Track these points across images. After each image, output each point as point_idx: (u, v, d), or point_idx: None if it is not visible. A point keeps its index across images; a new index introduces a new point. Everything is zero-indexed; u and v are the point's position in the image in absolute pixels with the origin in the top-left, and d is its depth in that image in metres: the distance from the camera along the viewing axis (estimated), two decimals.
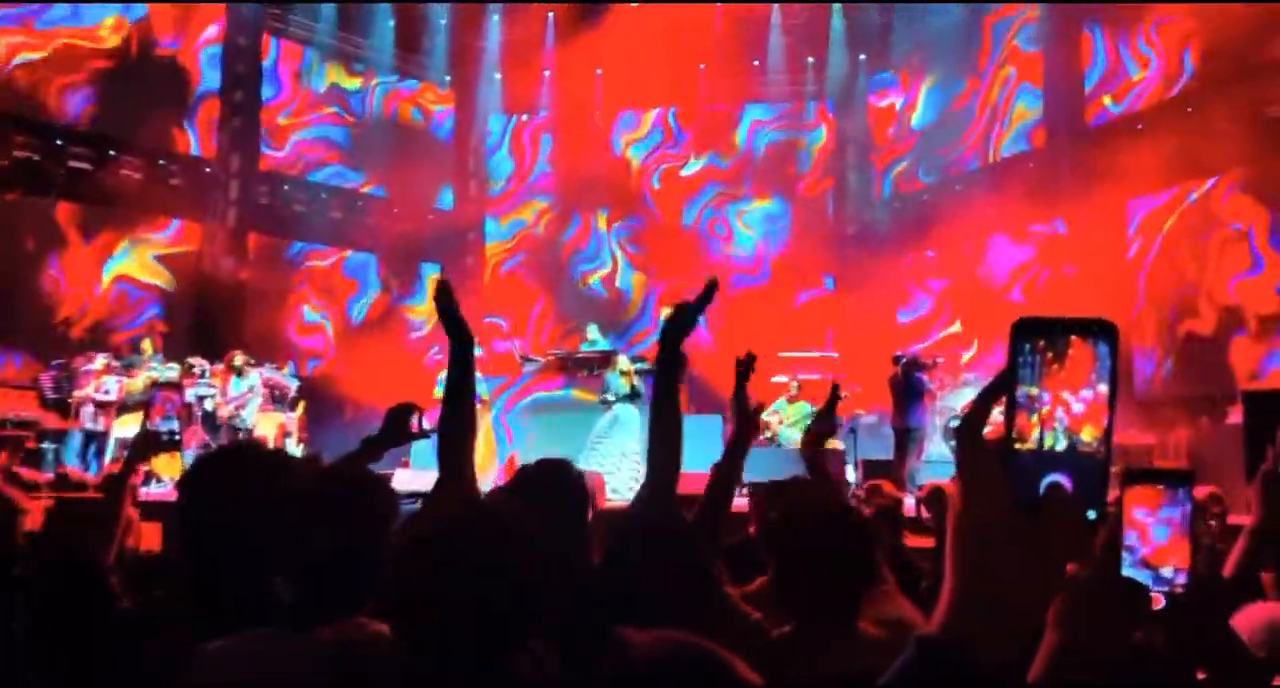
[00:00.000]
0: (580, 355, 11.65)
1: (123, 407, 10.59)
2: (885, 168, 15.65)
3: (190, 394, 10.91)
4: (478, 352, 11.90)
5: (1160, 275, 11.28)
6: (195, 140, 13.81)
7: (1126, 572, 0.89)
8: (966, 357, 12.42)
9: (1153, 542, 0.91)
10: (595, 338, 11.97)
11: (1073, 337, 0.67)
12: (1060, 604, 0.88)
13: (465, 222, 16.74)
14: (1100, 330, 0.67)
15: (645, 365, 11.01)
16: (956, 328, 13.52)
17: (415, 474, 8.36)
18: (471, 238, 16.84)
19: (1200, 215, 10.89)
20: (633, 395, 9.56)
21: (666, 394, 2.36)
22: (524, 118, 17.11)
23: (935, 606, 0.71)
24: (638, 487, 2.33)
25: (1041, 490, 0.67)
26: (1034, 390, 0.67)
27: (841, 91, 15.94)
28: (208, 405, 10.96)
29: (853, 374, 12.09)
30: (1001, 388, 0.68)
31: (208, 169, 13.81)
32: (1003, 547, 0.67)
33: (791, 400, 11.05)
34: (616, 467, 8.81)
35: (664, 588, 1.93)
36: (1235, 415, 8.20)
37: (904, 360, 9.76)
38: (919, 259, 14.35)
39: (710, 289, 2.37)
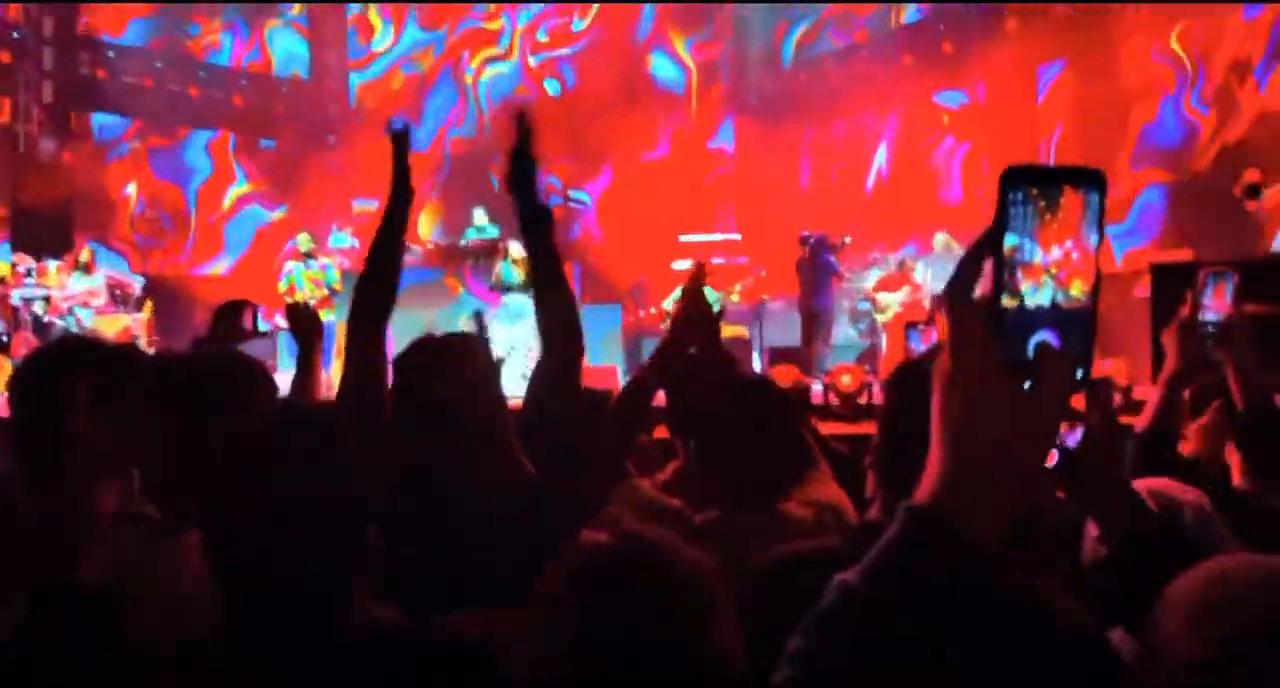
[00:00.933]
0: (465, 244, 11.41)
1: None
2: (789, 30, 15.50)
3: (15, 296, 10.33)
4: (352, 243, 11.53)
5: (1072, 142, 11.62)
6: None
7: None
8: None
9: None
10: (482, 224, 11.71)
11: (1064, 185, 0.67)
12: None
13: (325, 93, 15.96)
14: (1092, 179, 0.68)
15: None
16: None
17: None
18: (334, 112, 16.09)
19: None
20: (524, 285, 9.44)
21: (542, 261, 2.17)
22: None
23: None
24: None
25: (1030, 349, 0.68)
26: (1024, 243, 0.67)
27: None
28: (37, 309, 10.39)
29: (757, 257, 12.23)
30: (991, 241, 0.68)
31: (15, 34, 12.71)
32: (993, 409, 0.68)
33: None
34: (514, 360, 8.77)
35: (575, 483, 1.92)
36: (1142, 289, 8.63)
37: (811, 240, 9.89)
38: (823, 133, 14.43)
39: (520, 123, 2.21)
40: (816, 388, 7.09)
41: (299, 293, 10.15)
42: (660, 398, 2.34)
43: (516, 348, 9.05)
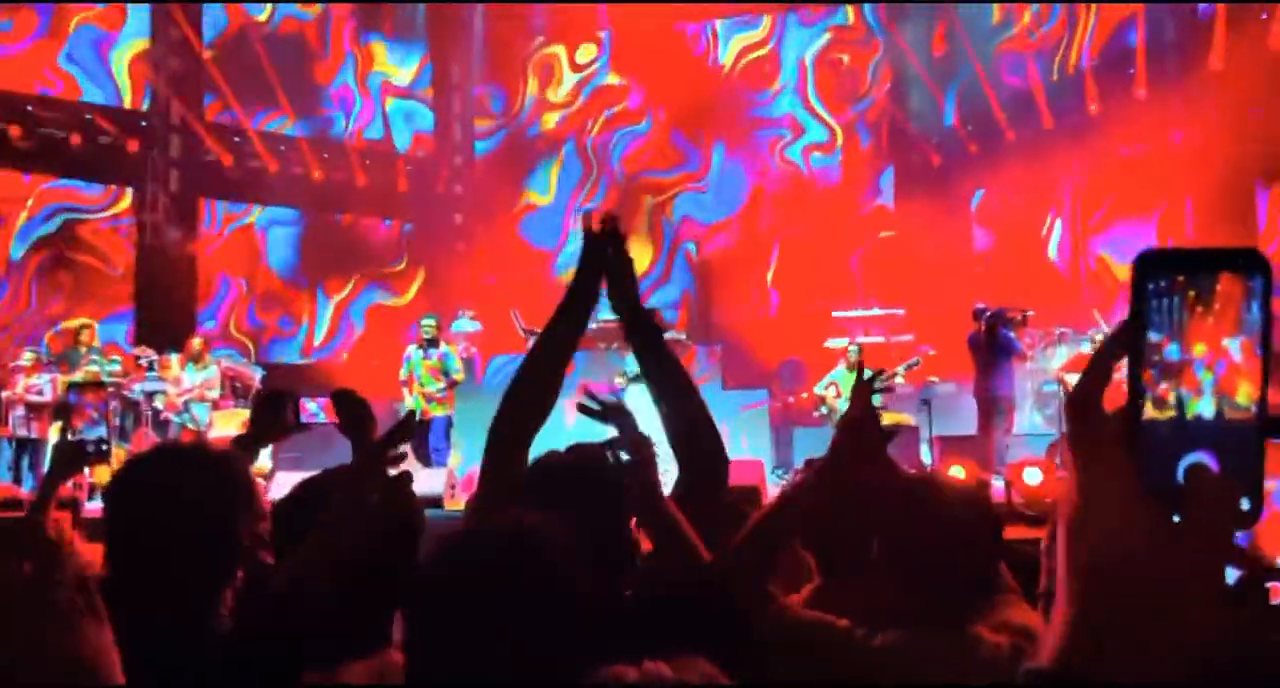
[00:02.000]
0: (593, 326, 11.44)
1: (58, 410, 10.56)
2: (950, 83, 15.27)
3: (137, 390, 10.89)
4: (475, 326, 11.69)
5: None
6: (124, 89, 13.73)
7: None
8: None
9: None
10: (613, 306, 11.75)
11: (1220, 272, 0.61)
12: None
13: (450, 173, 16.57)
14: (1253, 263, 0.62)
15: (674, 335, 10.81)
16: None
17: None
18: (459, 190, 16.67)
19: None
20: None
21: (662, 370, 2.14)
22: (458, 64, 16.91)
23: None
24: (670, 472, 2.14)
25: (1180, 474, 0.62)
26: (1170, 342, 0.62)
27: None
28: (158, 403, 10.92)
29: (924, 334, 11.85)
30: (1125, 341, 0.63)
31: (143, 123, 13.68)
32: (1130, 550, 0.62)
33: (851, 368, 10.78)
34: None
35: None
36: None
37: (987, 315, 9.50)
38: (996, 192, 14.03)
39: (614, 236, 2.15)
40: (997, 485, 6.68)
41: (414, 384, 10.32)
42: None
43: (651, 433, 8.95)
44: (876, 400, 8.88)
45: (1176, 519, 0.62)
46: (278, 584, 1.69)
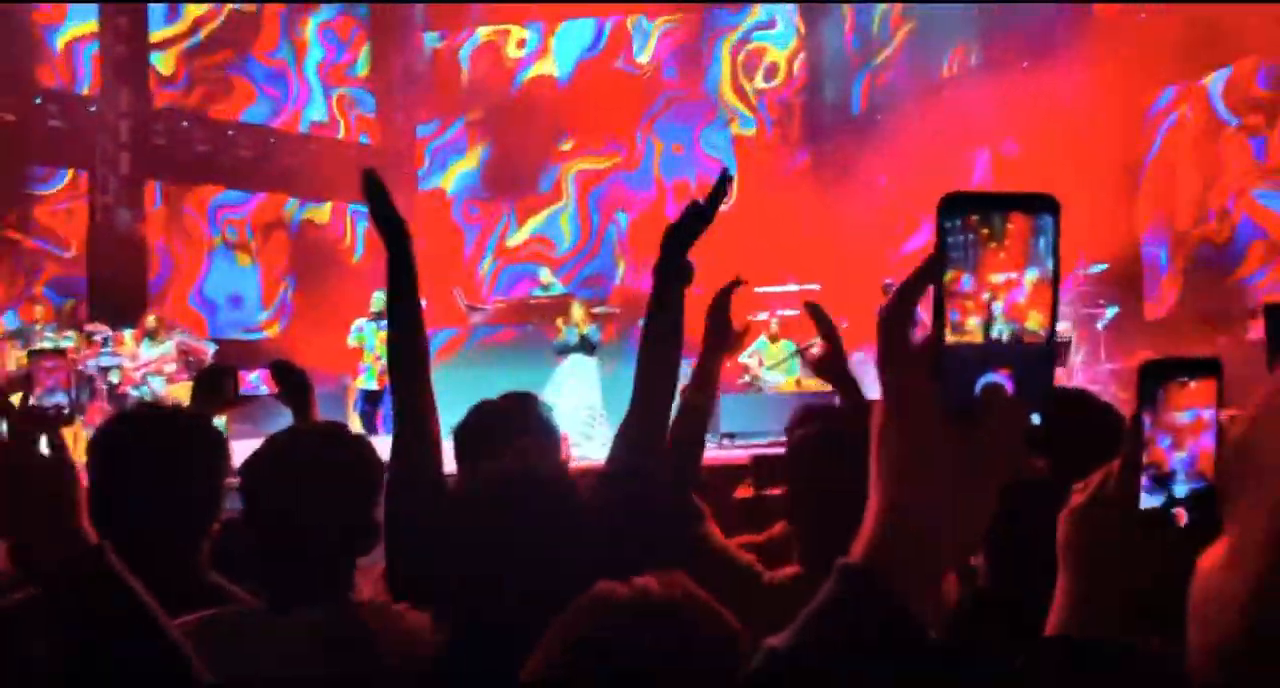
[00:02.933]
0: (532, 302, 11.55)
1: (10, 383, 10.35)
2: (862, 75, 15.53)
3: (91, 365, 10.71)
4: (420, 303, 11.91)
5: (1166, 178, 11.34)
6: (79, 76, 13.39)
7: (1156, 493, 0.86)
8: None
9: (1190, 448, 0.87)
10: (549, 281, 11.87)
11: (1013, 212, 0.64)
12: (1071, 540, 0.93)
13: (393, 154, 16.41)
14: (1042, 204, 0.65)
15: (605, 310, 10.97)
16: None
17: None
18: (402, 173, 16.52)
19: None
20: (583, 344, 9.57)
21: (664, 315, 2.14)
22: (457, 36, 16.74)
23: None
24: (591, 440, 2.25)
25: (977, 392, 0.64)
26: (967, 274, 0.64)
27: None
28: (113, 377, 10.76)
29: (838, 307, 12.07)
30: (929, 274, 0.65)
31: (92, 108, 13.37)
32: (932, 460, 0.65)
33: (773, 339, 11.05)
34: (573, 422, 8.80)
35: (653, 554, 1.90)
36: (1256, 330, 8.33)
37: (894, 288, 9.76)
38: (900, 179, 14.32)
39: (722, 182, 2.15)
40: None
41: (368, 354, 10.35)
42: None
43: (577, 404, 9.10)
44: (796, 367, 9.09)
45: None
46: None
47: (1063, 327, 9.84)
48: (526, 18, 16.29)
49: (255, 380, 2.65)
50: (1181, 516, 0.86)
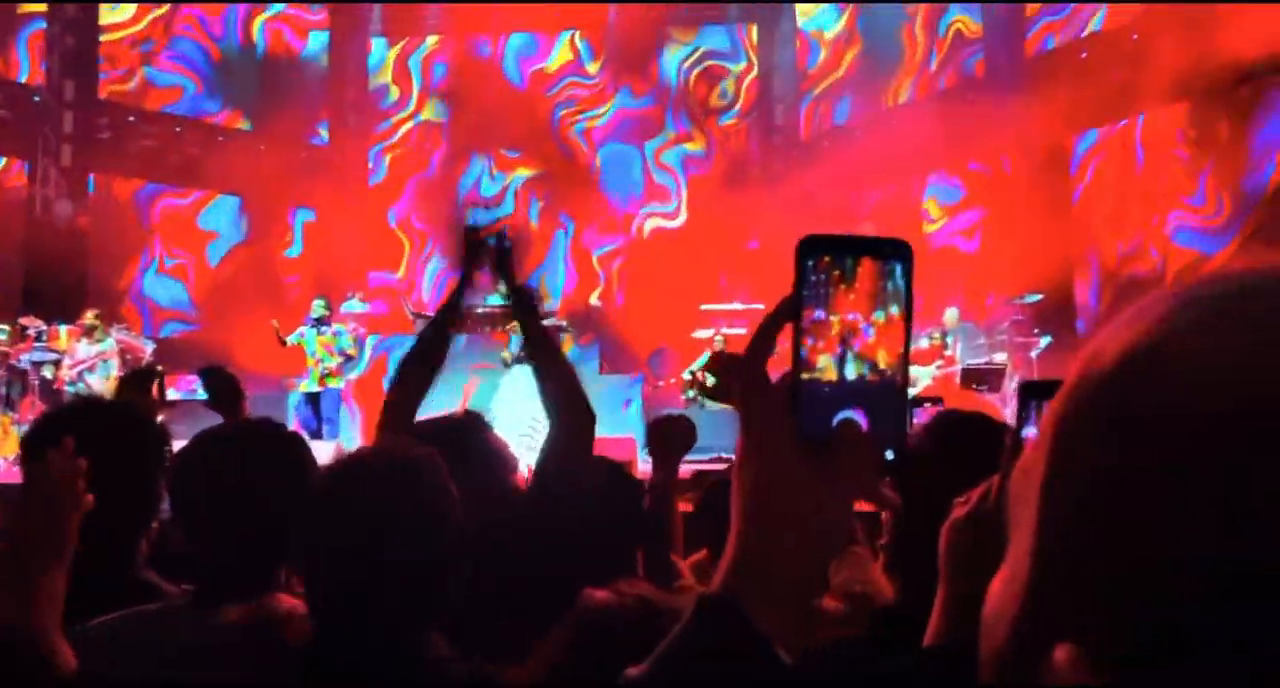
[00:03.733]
0: (480, 311, 11.44)
1: None
2: (812, 101, 15.71)
3: (24, 360, 10.39)
4: (363, 307, 11.60)
5: (1095, 214, 11.62)
6: (23, 65, 13.03)
7: None
8: None
9: None
10: (503, 290, 11.79)
11: (864, 257, 0.66)
12: (950, 554, 0.98)
13: (344, 160, 16.22)
14: (893, 250, 0.67)
15: (552, 321, 10.93)
16: None
17: None
18: (353, 179, 16.33)
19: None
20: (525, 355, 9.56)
21: (535, 340, 2.31)
22: (410, 42, 16.63)
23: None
24: (534, 451, 2.27)
25: (834, 427, 0.66)
26: (822, 315, 0.66)
27: (767, 14, 15.92)
28: (46, 373, 10.44)
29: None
30: (786, 314, 0.66)
31: (36, 98, 13.03)
32: (787, 493, 0.66)
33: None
34: (521, 434, 8.73)
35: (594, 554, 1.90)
36: None
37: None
38: (851, 202, 14.51)
39: (468, 242, 2.36)
40: None
41: (309, 358, 10.22)
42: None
43: (522, 418, 9.06)
44: None
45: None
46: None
47: (1000, 356, 10.02)
48: (479, 29, 16.23)
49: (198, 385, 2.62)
50: None
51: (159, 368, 2.38)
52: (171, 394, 2.44)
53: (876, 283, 0.66)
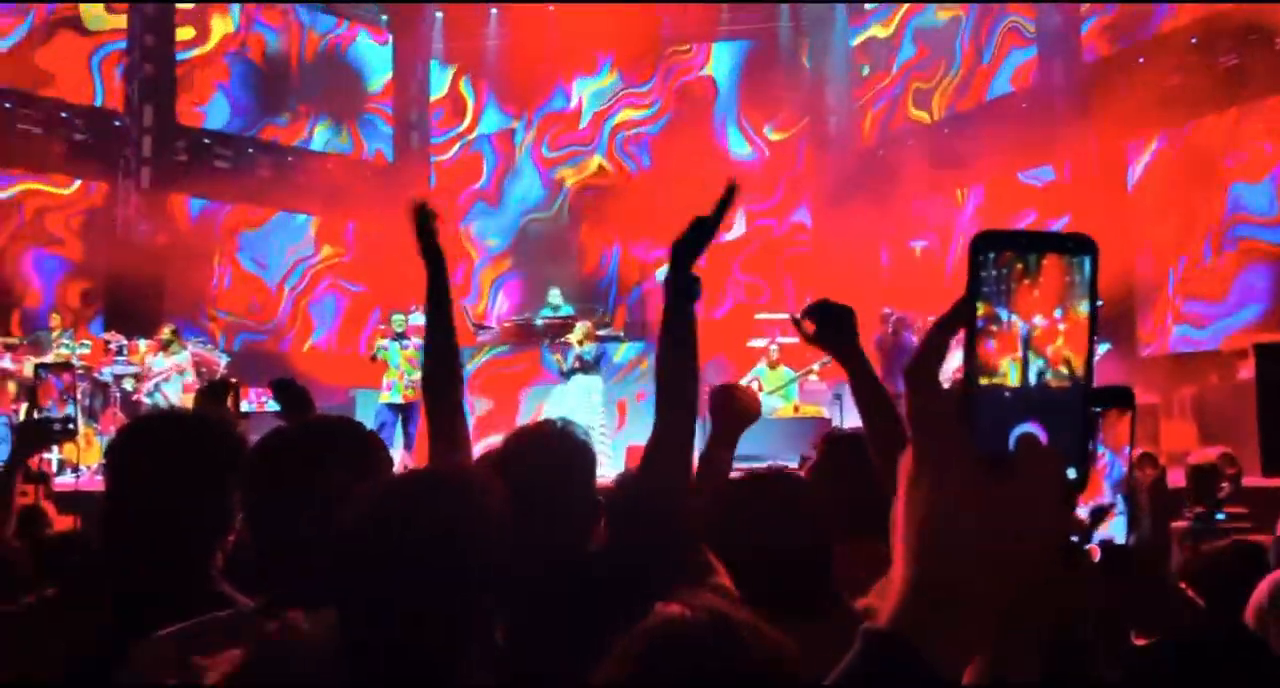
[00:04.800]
0: (541, 321, 11.55)
1: (27, 390, 10.35)
2: (866, 110, 15.61)
3: (106, 373, 10.72)
4: (417, 319, 11.78)
5: (1164, 217, 11.36)
6: (98, 87, 13.47)
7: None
8: None
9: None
10: (557, 302, 11.91)
11: (1049, 252, 0.61)
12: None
13: (408, 177, 16.48)
14: (1078, 245, 0.61)
15: (609, 331, 11.00)
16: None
17: None
18: (415, 195, 16.57)
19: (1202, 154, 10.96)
20: (582, 365, 9.63)
21: (677, 326, 2.06)
22: (468, 64, 16.89)
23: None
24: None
25: (1012, 444, 0.60)
26: (1002, 314, 0.60)
27: (817, 24, 15.86)
28: (127, 386, 10.76)
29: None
30: (961, 314, 0.61)
31: (117, 122, 13.45)
32: (967, 517, 0.60)
33: (772, 365, 11.03)
34: None
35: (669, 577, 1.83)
36: (1246, 370, 8.31)
37: (893, 319, 9.77)
38: (903, 210, 14.38)
39: (729, 193, 2.10)
40: None
41: (393, 371, 10.41)
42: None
43: (590, 430, 9.14)
44: (794, 392, 9.05)
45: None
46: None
47: None
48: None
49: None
50: (1095, 552, 0.85)
51: (234, 381, 2.41)
52: (245, 406, 2.44)
53: (1063, 279, 0.61)
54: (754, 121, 16.33)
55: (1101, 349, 9.69)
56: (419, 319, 12.50)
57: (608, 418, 9.39)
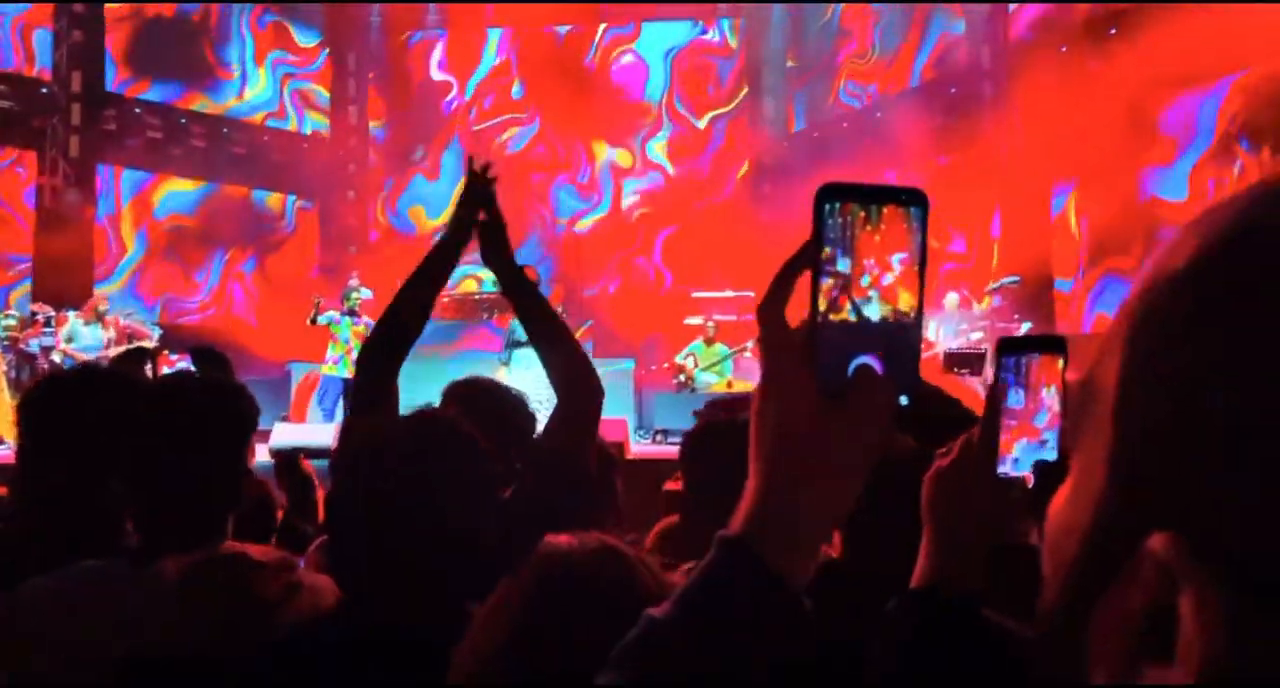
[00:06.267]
0: (478, 297, 11.46)
1: None
2: (804, 90, 15.69)
3: (34, 344, 10.41)
4: (366, 294, 11.62)
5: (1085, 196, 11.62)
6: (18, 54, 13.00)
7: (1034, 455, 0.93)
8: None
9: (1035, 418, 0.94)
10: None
11: (886, 203, 0.66)
12: (932, 502, 1.00)
13: (344, 151, 16.20)
14: (911, 197, 0.66)
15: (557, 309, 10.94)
16: None
17: (298, 429, 8.09)
18: (353, 169, 16.31)
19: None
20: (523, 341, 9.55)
21: (538, 324, 2.05)
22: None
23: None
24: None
25: (851, 372, 0.66)
26: (843, 257, 0.65)
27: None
28: (55, 358, 10.45)
29: None
30: (805, 257, 0.66)
31: (44, 90, 12.99)
32: (805, 437, 0.66)
33: (708, 342, 11.12)
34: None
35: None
36: None
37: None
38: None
39: (476, 178, 2.06)
40: None
41: (340, 345, 10.24)
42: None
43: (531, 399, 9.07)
44: (729, 369, 9.06)
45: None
46: None
47: (976, 337, 10.05)
48: (482, 23, 16.20)
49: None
50: (1029, 479, 0.93)
51: (153, 347, 2.37)
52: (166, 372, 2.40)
53: (898, 228, 0.66)
54: (688, 102, 16.34)
55: (1024, 328, 9.94)
56: (364, 293, 12.33)
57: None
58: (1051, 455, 0.93)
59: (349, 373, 10.12)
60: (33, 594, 1.50)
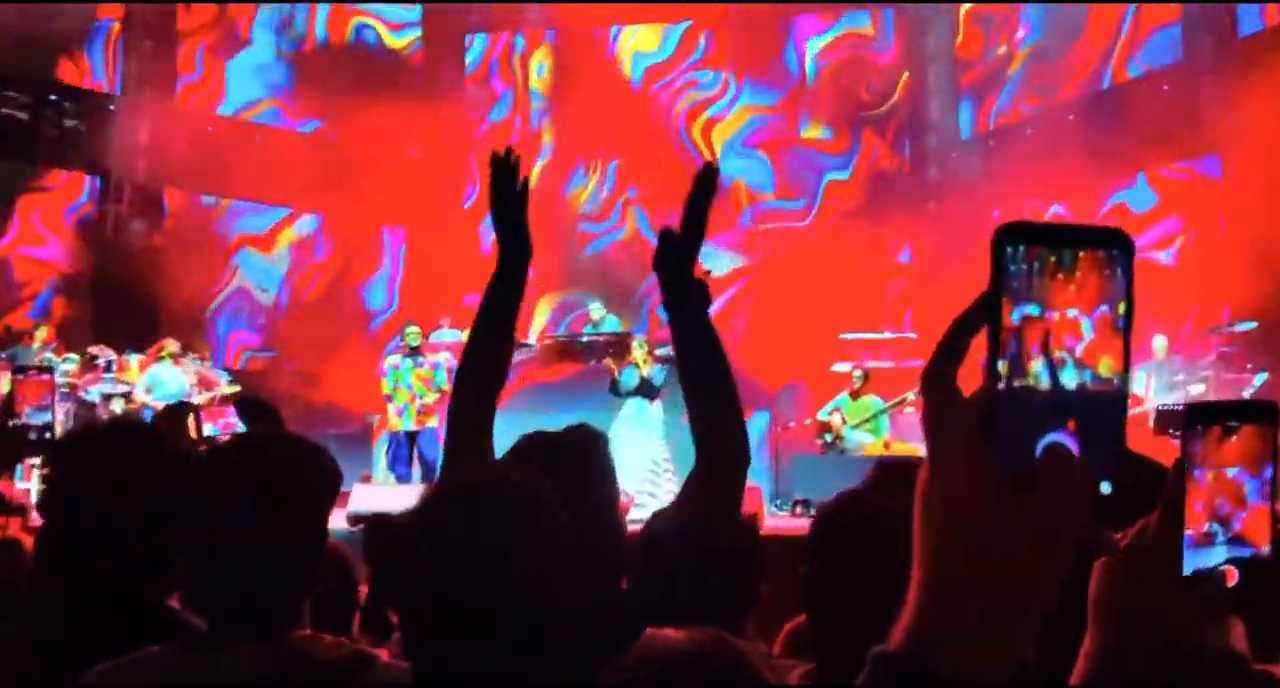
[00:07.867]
0: (586, 339, 11.55)
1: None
2: (976, 94, 15.43)
3: (94, 392, 10.86)
4: (455, 335, 11.79)
5: None
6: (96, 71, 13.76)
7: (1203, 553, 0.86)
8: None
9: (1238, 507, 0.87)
10: (601, 316, 11.89)
11: (1081, 247, 0.64)
12: (1101, 597, 0.94)
13: (438, 174, 16.63)
14: (1113, 240, 0.64)
15: (668, 351, 10.91)
16: None
17: (381, 492, 8.26)
18: (446, 193, 16.73)
19: None
20: (642, 388, 9.51)
21: (696, 336, 1.97)
22: (509, 36, 17.04)
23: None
24: (656, 497, 2.19)
25: (1039, 452, 0.63)
26: (1029, 313, 0.63)
27: None
28: (115, 407, 10.89)
29: None
30: (982, 312, 0.64)
31: (110, 107, 13.70)
32: (983, 529, 0.63)
33: (855, 395, 10.82)
34: (635, 475, 8.71)
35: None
36: None
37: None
38: (1015, 213, 14.13)
39: (705, 178, 2.02)
40: None
41: (404, 392, 10.40)
42: None
43: (638, 456, 9.02)
44: (884, 426, 8.89)
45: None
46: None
47: (1197, 390, 9.57)
48: (591, 22, 16.51)
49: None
50: (1232, 574, 0.86)
51: (195, 403, 2.46)
52: (210, 429, 2.52)
53: (1097, 276, 0.64)
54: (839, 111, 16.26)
55: (1258, 379, 9.41)
56: (443, 335, 12.57)
57: (672, 451, 9.22)
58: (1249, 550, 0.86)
59: (414, 424, 10.29)
60: (103, 676, 1.55)
